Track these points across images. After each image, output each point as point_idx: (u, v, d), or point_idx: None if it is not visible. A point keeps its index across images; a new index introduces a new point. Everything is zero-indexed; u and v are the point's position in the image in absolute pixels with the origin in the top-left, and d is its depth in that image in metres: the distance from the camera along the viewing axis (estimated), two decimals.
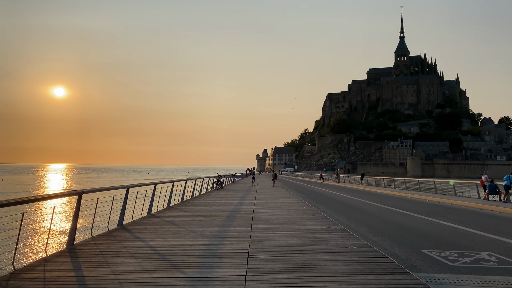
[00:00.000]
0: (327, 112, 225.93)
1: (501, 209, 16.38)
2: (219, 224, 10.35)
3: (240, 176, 61.41)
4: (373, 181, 43.53)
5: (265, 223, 10.56)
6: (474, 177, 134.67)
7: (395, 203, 20.05)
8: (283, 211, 13.48)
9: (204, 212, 13.23)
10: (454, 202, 19.87)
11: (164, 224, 10.40)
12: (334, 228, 9.63)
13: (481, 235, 10.25)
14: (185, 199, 18.36)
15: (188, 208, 14.60)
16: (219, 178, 28.33)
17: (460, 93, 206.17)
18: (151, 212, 12.82)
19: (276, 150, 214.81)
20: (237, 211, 13.57)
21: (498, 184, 19.79)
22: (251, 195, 21.88)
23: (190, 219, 11.42)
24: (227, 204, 16.30)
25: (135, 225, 10.14)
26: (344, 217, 14.22)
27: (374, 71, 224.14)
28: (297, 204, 16.11)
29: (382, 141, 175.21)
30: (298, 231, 9.15)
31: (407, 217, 14.25)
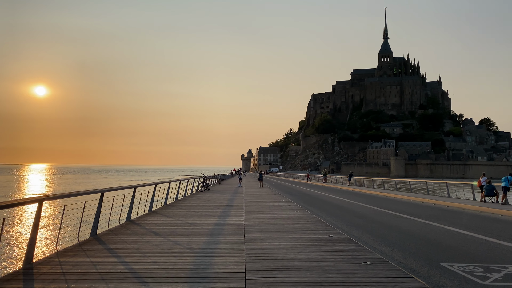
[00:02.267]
0: (312, 112, 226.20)
1: (502, 212, 15.62)
2: (207, 233, 9.14)
3: (226, 177, 60.17)
4: (361, 181, 42.85)
5: (259, 231, 9.40)
6: (456, 177, 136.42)
7: (389, 206, 19.16)
8: (277, 216, 12.34)
9: (190, 218, 11.99)
10: (451, 204, 19.09)
11: (144, 233, 9.14)
12: (338, 237, 8.54)
13: (497, 244, 9.32)
14: (168, 203, 17.07)
15: (172, 213, 13.34)
16: (204, 179, 27.05)
17: (442, 94, 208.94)
18: (130, 219, 11.53)
19: (261, 150, 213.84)
20: (226, 216, 12.38)
21: (495, 186, 19.08)
22: (239, 197, 20.71)
23: (174, 226, 10.17)
24: (214, 208, 15.08)
25: (111, 235, 8.86)
26: (342, 222, 13.17)
27: (358, 72, 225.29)
28: (290, 208, 15.01)
29: (366, 141, 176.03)
30: (298, 242, 8.02)
31: (408, 221, 13.30)
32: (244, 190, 27.68)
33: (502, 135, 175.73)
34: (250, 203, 17.15)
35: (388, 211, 16.58)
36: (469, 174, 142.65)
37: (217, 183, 39.79)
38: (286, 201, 18.48)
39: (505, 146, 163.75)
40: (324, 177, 51.27)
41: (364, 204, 19.81)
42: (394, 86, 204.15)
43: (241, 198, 19.63)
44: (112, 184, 76.64)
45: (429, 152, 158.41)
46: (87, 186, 68.47)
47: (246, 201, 18.16)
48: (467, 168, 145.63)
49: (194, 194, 23.65)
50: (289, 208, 15.04)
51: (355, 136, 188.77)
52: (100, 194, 9.31)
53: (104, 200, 10.86)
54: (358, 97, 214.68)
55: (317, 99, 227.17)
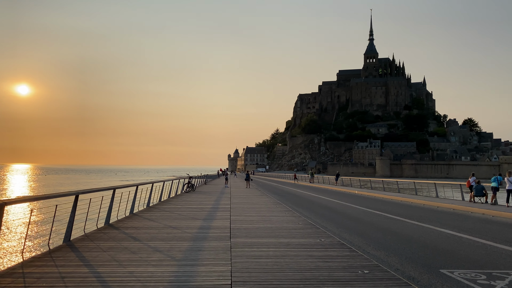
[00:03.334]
0: (298, 112, 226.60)
1: (492, 213, 15.37)
2: (190, 238, 8.53)
3: (212, 177, 59.43)
4: (348, 181, 42.65)
5: (246, 235, 8.84)
6: (440, 177, 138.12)
7: (379, 206, 18.81)
8: (265, 219, 11.80)
9: (173, 221, 11.35)
10: (440, 204, 18.84)
11: (122, 238, 8.48)
12: (330, 242, 8.04)
13: (494, 247, 8.94)
14: (151, 204, 16.37)
15: (154, 215, 12.67)
16: (190, 179, 26.35)
17: (427, 95, 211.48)
18: (109, 222, 10.84)
19: (247, 150, 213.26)
20: (211, 219, 11.77)
21: (485, 186, 18.89)
22: (225, 198, 20.10)
23: (155, 231, 9.53)
24: (199, 210, 14.46)
25: (86, 241, 8.18)
26: (332, 224, 12.69)
27: (344, 73, 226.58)
28: (278, 209, 14.48)
29: (352, 141, 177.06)
30: (288, 247, 7.49)
31: (400, 223, 12.90)
32: (230, 190, 27.08)
33: (484, 135, 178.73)
34: (236, 204, 16.57)
35: (378, 212, 16.19)
36: (453, 174, 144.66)
37: (203, 183, 39.08)
38: (273, 202, 17.95)
39: (488, 146, 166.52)
40: (311, 177, 50.97)
41: (353, 205, 19.43)
42: (380, 87, 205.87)
43: (228, 199, 19.04)
44: (97, 184, 75.14)
45: (414, 152, 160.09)
46: (70, 187, 66.91)
47: (233, 202, 17.58)
48: (451, 168, 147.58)
49: (179, 195, 22.94)
50: (277, 209, 14.51)
51: (341, 136, 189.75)
52: (74, 196, 8.61)
53: (81, 202, 10.20)
54: (344, 97, 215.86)
55: (303, 99, 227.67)
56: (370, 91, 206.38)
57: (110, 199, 11.04)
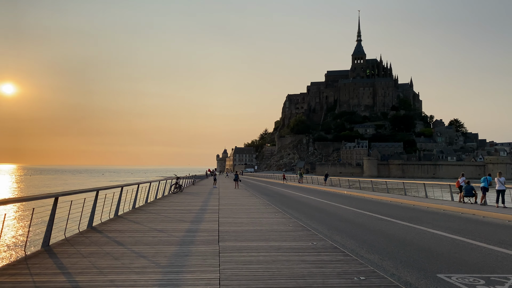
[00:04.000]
0: (287, 113, 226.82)
1: (483, 213, 15.29)
2: (177, 242, 8.15)
3: (201, 177, 58.89)
4: (337, 181, 42.57)
5: (235, 239, 8.49)
6: (427, 177, 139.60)
7: (369, 207, 18.63)
8: (254, 220, 11.46)
9: (159, 223, 10.94)
10: (430, 205, 18.74)
11: (105, 243, 8.06)
12: (323, 245, 7.74)
13: (489, 249, 8.75)
14: (137, 206, 15.91)
15: (140, 218, 12.24)
16: (177, 180, 25.88)
17: (414, 96, 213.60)
18: (92, 225, 10.39)
19: (236, 150, 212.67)
20: (199, 221, 11.39)
21: (474, 186, 18.86)
22: (213, 199, 19.71)
23: (140, 234, 9.12)
24: (186, 211, 14.05)
25: (66, 246, 7.75)
26: (323, 226, 12.42)
27: (332, 73, 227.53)
28: (268, 211, 14.16)
29: (340, 142, 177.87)
30: (279, 252, 7.17)
31: (392, 224, 12.69)
32: (219, 191, 26.68)
33: (470, 136, 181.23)
34: (225, 205, 16.20)
35: (368, 213, 15.99)
36: (440, 174, 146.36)
37: (191, 184, 38.58)
38: (263, 203, 17.63)
39: (473, 146, 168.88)
40: (300, 178, 50.81)
41: (343, 206, 19.21)
42: (367, 87, 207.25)
43: (216, 201, 18.66)
44: (82, 185, 73.94)
45: (401, 152, 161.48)
46: (54, 188, 65.63)
47: (221, 203, 17.21)
48: (437, 168, 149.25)
49: (166, 196, 22.47)
50: (267, 211, 14.19)
51: (329, 136, 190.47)
52: (54, 199, 8.15)
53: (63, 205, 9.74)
54: (332, 98, 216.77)
55: (292, 99, 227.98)
56: (357, 91, 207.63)
57: (93, 201, 10.60)
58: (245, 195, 23.32)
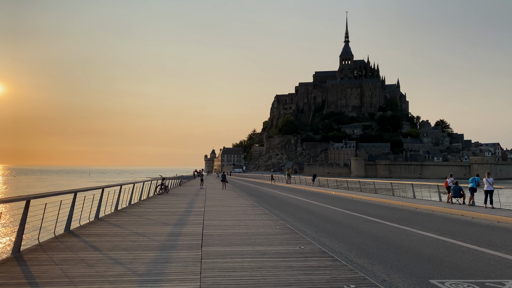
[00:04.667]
0: (275, 113, 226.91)
1: (471, 214, 15.17)
2: (157, 247, 7.73)
3: (188, 178, 58.28)
4: (325, 182, 42.43)
5: (219, 243, 8.10)
6: (413, 177, 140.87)
7: (357, 208, 18.41)
8: (240, 223, 11.09)
9: (141, 227, 10.49)
10: (419, 206, 18.60)
11: (81, 248, 7.60)
12: (311, 250, 7.40)
13: (480, 252, 8.53)
14: (120, 208, 15.40)
15: (121, 220, 11.77)
16: (163, 181, 25.35)
17: (400, 97, 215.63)
18: (69, 229, 9.89)
19: (224, 150, 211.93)
20: (183, 224, 10.97)
21: (462, 187, 18.78)
22: (199, 200, 19.28)
23: (119, 239, 8.67)
24: (171, 213, 13.60)
25: (39, 252, 7.27)
26: (311, 228, 12.10)
27: (320, 74, 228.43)
28: (254, 212, 13.80)
29: (328, 142, 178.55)
30: (265, 257, 6.81)
31: (381, 226, 12.44)
32: (206, 192, 26.23)
33: (456, 136, 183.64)
34: (211, 207, 15.79)
35: (356, 214, 15.74)
36: (426, 174, 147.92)
37: (177, 185, 38.02)
38: (250, 204, 17.27)
39: (459, 147, 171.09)
40: (288, 178, 50.59)
41: (331, 207, 18.95)
42: (355, 88, 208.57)
43: (202, 202, 18.23)
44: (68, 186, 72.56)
45: (388, 153, 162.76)
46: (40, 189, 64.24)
47: (207, 205, 16.79)
48: (424, 168, 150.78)
49: (151, 197, 21.93)
50: (253, 212, 13.83)
51: (317, 137, 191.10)
52: (25, 202, 7.66)
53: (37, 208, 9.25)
54: (320, 98, 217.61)
55: (280, 100, 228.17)
56: (345, 92, 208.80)
57: (71, 203, 10.10)
58: (232, 196, 22.93)
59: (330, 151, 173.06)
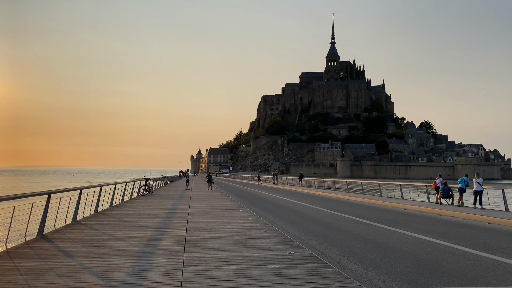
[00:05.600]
0: (262, 114, 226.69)
1: (461, 215, 14.93)
2: (136, 253, 7.16)
3: (174, 179, 57.46)
4: (312, 182, 42.17)
5: (203, 248, 7.57)
6: (398, 178, 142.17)
7: (345, 209, 18.05)
8: (226, 226, 10.57)
9: (120, 230, 9.89)
10: (407, 206, 18.34)
11: (52, 255, 6.99)
12: (301, 255, 6.93)
13: (476, 255, 8.19)
14: (100, 210, 14.72)
15: (100, 223, 11.13)
16: (146, 182, 24.64)
17: (386, 98, 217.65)
18: (42, 233, 9.24)
19: (211, 151, 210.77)
20: (165, 227, 10.40)
21: (451, 187, 18.59)
22: (184, 202, 18.68)
23: (96, 244, 8.07)
24: (153, 216, 13.00)
25: (4, 260, 6.64)
26: (300, 230, 11.64)
27: (307, 75, 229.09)
28: (241, 214, 13.30)
29: (314, 143, 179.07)
30: (253, 263, 6.31)
31: (371, 228, 12.06)
32: (191, 193, 25.61)
33: (440, 137, 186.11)
34: (196, 209, 15.23)
35: (345, 215, 15.37)
36: (411, 174, 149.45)
37: (162, 185, 37.27)
38: (236, 205, 16.75)
39: (443, 148, 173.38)
40: (275, 179, 50.21)
41: (319, 208, 18.56)
42: (341, 89, 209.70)
43: (186, 203, 17.63)
44: (50, 187, 70.82)
45: (373, 153, 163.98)
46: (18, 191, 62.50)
47: (192, 206, 16.21)
48: (408, 169, 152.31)
49: (134, 198, 21.23)
50: (240, 214, 13.32)
51: (303, 137, 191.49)
52: None
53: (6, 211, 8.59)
54: (306, 99, 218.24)
55: (267, 100, 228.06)
56: (331, 93, 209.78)
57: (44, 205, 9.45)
58: (218, 197, 22.37)
59: (316, 151, 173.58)
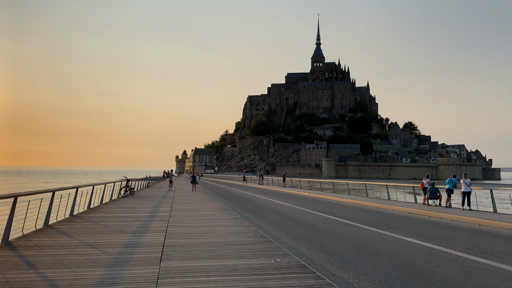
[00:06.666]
0: (248, 114, 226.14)
1: (450, 217, 14.65)
2: (107, 262, 6.52)
3: (158, 179, 56.48)
4: (298, 182, 41.80)
5: (182, 256, 6.97)
6: (383, 178, 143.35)
7: (332, 210, 17.63)
8: (208, 230, 9.97)
9: (94, 235, 9.20)
10: (395, 208, 18.01)
11: (12, 266, 6.29)
12: (288, 263, 6.40)
13: (472, 261, 7.79)
14: (76, 212, 13.94)
15: (74, 228, 10.41)
16: (128, 182, 23.82)
17: (370, 99, 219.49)
18: (8, 239, 8.50)
19: (196, 151, 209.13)
20: (143, 232, 9.74)
21: (439, 188, 18.35)
22: (166, 203, 17.99)
23: (64, 251, 7.39)
24: (132, 219, 12.32)
25: None
26: (286, 234, 11.12)
27: (292, 76, 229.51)
28: (225, 217, 12.71)
29: (300, 143, 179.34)
30: (235, 273, 5.74)
31: (360, 231, 11.61)
32: (174, 194, 24.89)
33: (423, 138, 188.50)
34: (177, 211, 14.57)
35: (332, 217, 14.92)
36: (395, 175, 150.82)
37: (145, 186, 36.37)
38: (220, 207, 16.15)
39: (426, 148, 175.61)
40: (261, 179, 49.69)
41: (305, 209, 18.10)
42: (326, 90, 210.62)
43: (168, 205, 16.95)
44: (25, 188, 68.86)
45: (358, 154, 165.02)
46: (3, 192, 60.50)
47: (174, 209, 15.55)
48: (393, 169, 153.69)
49: (114, 200, 20.42)
50: (224, 217, 12.73)
51: (289, 138, 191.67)
52: None
53: None
54: (292, 100, 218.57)
55: (253, 101, 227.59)
56: (317, 94, 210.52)
57: (10, 208, 8.71)
58: (202, 198, 21.72)
59: (302, 152, 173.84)
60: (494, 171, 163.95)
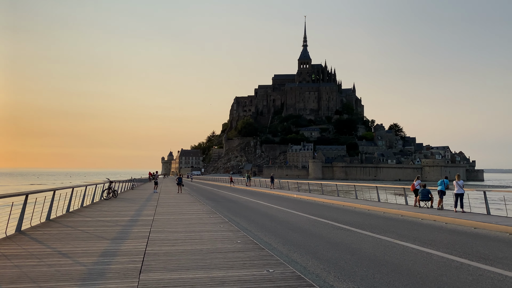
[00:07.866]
0: (235, 115, 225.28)
1: (444, 219, 14.26)
2: (79, 275, 5.81)
3: (143, 181, 55.39)
4: (286, 184, 41.30)
5: (164, 266, 6.31)
6: (368, 179, 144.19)
7: (323, 213, 17.11)
8: (194, 236, 9.31)
9: (69, 243, 8.45)
10: (386, 210, 17.60)
11: None
12: (281, 274, 5.80)
13: (476, 268, 7.31)
14: (53, 217, 13.11)
15: (49, 234, 9.64)
16: (110, 184, 22.94)
17: (356, 101, 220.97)
18: None
19: (182, 152, 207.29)
20: (123, 238, 9.03)
21: (430, 190, 18.00)
22: (150, 206, 17.23)
23: (33, 262, 6.65)
24: (112, 224, 11.56)
25: None
26: (277, 239, 10.51)
27: (279, 77, 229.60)
28: (212, 221, 12.06)
29: (286, 144, 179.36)
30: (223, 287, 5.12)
31: (354, 235, 11.09)
32: (159, 197, 24.08)
33: (408, 139, 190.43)
34: (162, 215, 13.85)
35: (324, 221, 14.39)
36: (380, 176, 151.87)
37: (129, 188, 35.39)
38: (207, 210, 15.48)
39: (411, 150, 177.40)
40: (248, 181, 49.06)
41: (295, 212, 17.54)
42: (313, 92, 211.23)
43: (152, 209, 16.20)
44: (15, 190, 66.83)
45: (344, 155, 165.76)
46: None
47: (158, 212, 14.82)
48: (378, 170, 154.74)
49: (96, 203, 19.55)
50: (211, 221, 12.08)
51: (276, 139, 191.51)
52: None
53: None
54: (279, 101, 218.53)
55: (240, 102, 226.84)
56: (303, 96, 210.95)
57: None
58: (188, 201, 20.99)
59: (289, 153, 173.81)
60: (478, 172, 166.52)
